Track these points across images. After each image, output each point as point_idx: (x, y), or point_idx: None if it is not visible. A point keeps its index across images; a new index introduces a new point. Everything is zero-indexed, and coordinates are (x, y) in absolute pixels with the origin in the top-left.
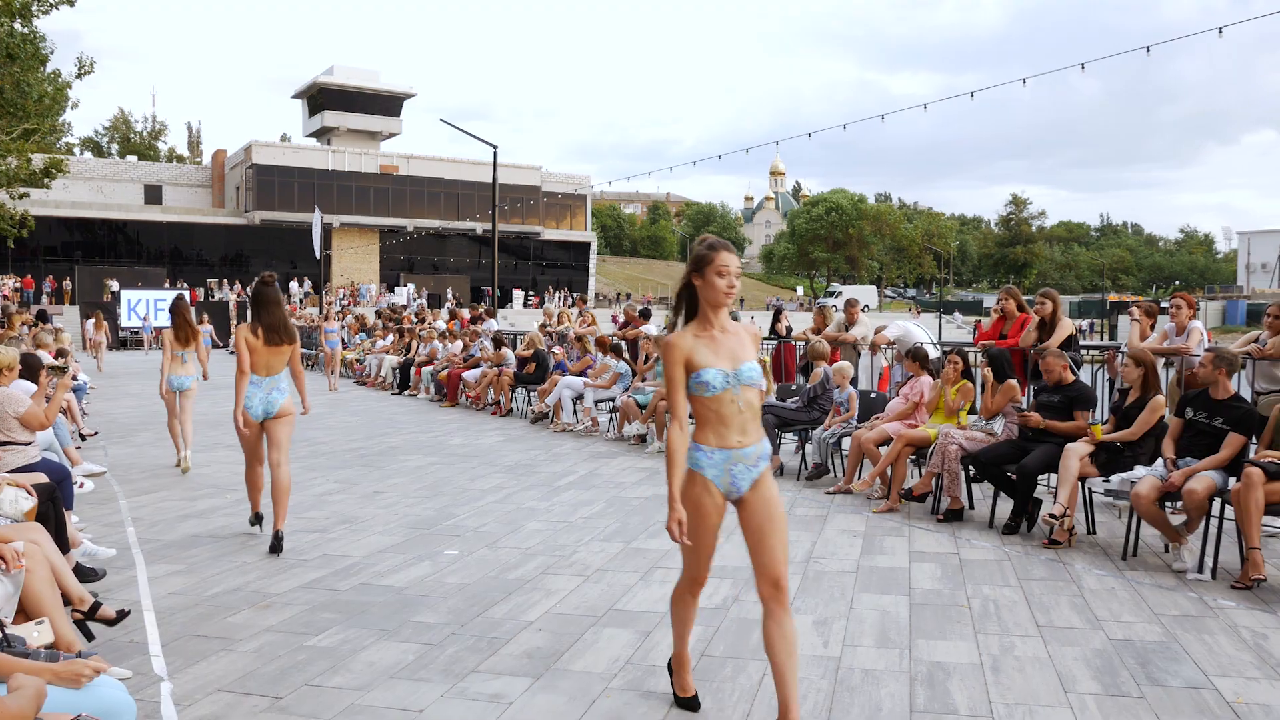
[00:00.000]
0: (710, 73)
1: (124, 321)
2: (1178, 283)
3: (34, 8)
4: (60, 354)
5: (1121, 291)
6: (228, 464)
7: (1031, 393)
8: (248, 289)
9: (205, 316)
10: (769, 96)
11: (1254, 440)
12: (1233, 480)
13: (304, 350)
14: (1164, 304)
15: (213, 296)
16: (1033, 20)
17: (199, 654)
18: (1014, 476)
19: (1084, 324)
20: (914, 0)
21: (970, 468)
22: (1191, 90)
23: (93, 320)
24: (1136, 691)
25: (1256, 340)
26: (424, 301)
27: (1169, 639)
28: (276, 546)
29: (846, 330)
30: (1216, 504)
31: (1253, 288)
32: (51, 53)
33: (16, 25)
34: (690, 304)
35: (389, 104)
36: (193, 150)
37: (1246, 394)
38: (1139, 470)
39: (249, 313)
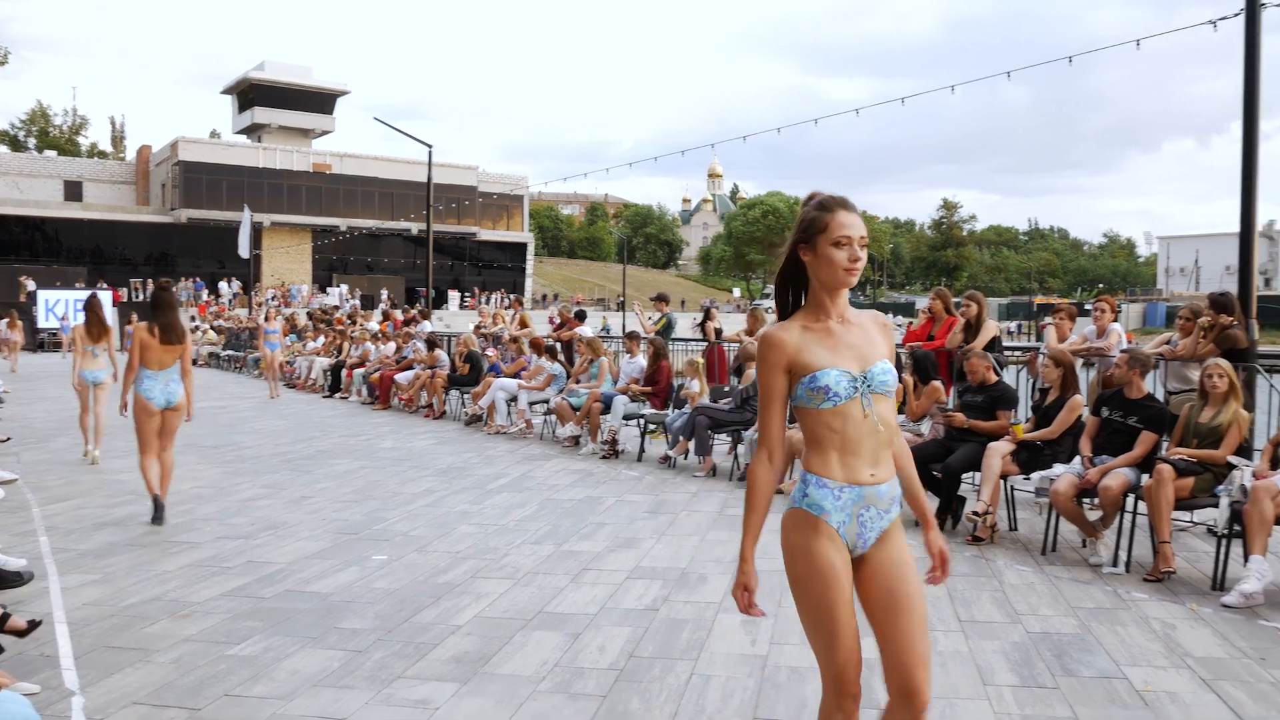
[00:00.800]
0: (648, 75)
1: (41, 322)
2: (1101, 285)
3: None
4: None
5: (1049, 294)
6: None
7: (956, 393)
8: (173, 288)
9: (134, 316)
10: (707, 100)
11: (1165, 438)
12: (1145, 477)
13: (235, 354)
14: (1087, 306)
15: (137, 297)
16: (964, 30)
17: (113, 666)
18: (939, 475)
19: (1012, 325)
20: (850, 8)
21: None
22: (1115, 100)
23: (6, 320)
24: (1051, 682)
25: (1168, 342)
26: (357, 302)
27: (1084, 631)
28: (159, 517)
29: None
30: (1130, 500)
31: (1172, 290)
32: None
33: None
34: (795, 288)
35: (321, 101)
36: (116, 146)
37: (1160, 394)
38: (1058, 468)
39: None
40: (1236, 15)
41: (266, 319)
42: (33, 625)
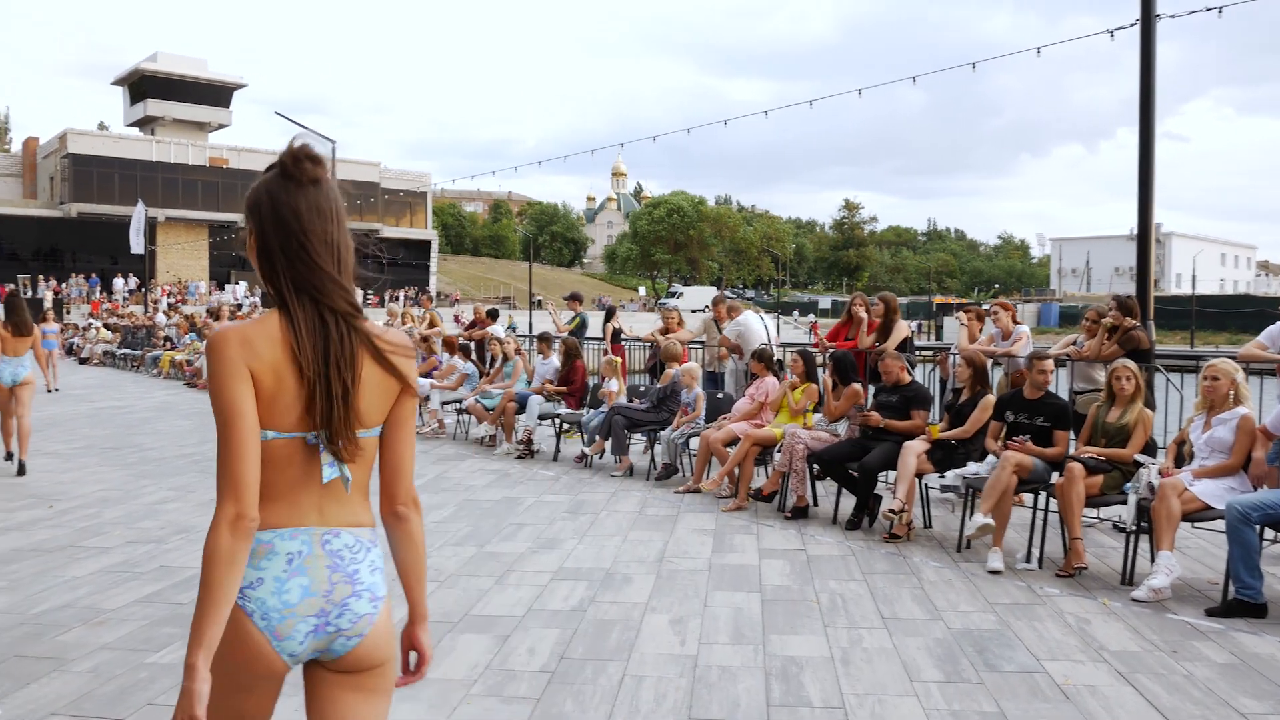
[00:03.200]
0: (549, 74)
1: None
2: (997, 286)
3: None
4: None
5: (947, 294)
6: (47, 472)
7: (871, 393)
8: (64, 285)
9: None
10: (608, 99)
11: (1073, 436)
12: (1055, 474)
13: (132, 352)
14: (985, 306)
15: (26, 294)
16: (858, 33)
17: (28, 676)
18: (856, 474)
19: (912, 325)
20: (746, 9)
21: (814, 466)
22: (1008, 105)
23: None
24: (976, 678)
25: (1074, 343)
26: (257, 300)
27: (1003, 626)
28: (22, 470)
29: (719, 330)
30: (1042, 497)
31: (1065, 291)
32: None
33: None
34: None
35: (218, 94)
36: (0, 137)
37: (1064, 394)
38: (972, 466)
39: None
40: (1133, 25)
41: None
42: None
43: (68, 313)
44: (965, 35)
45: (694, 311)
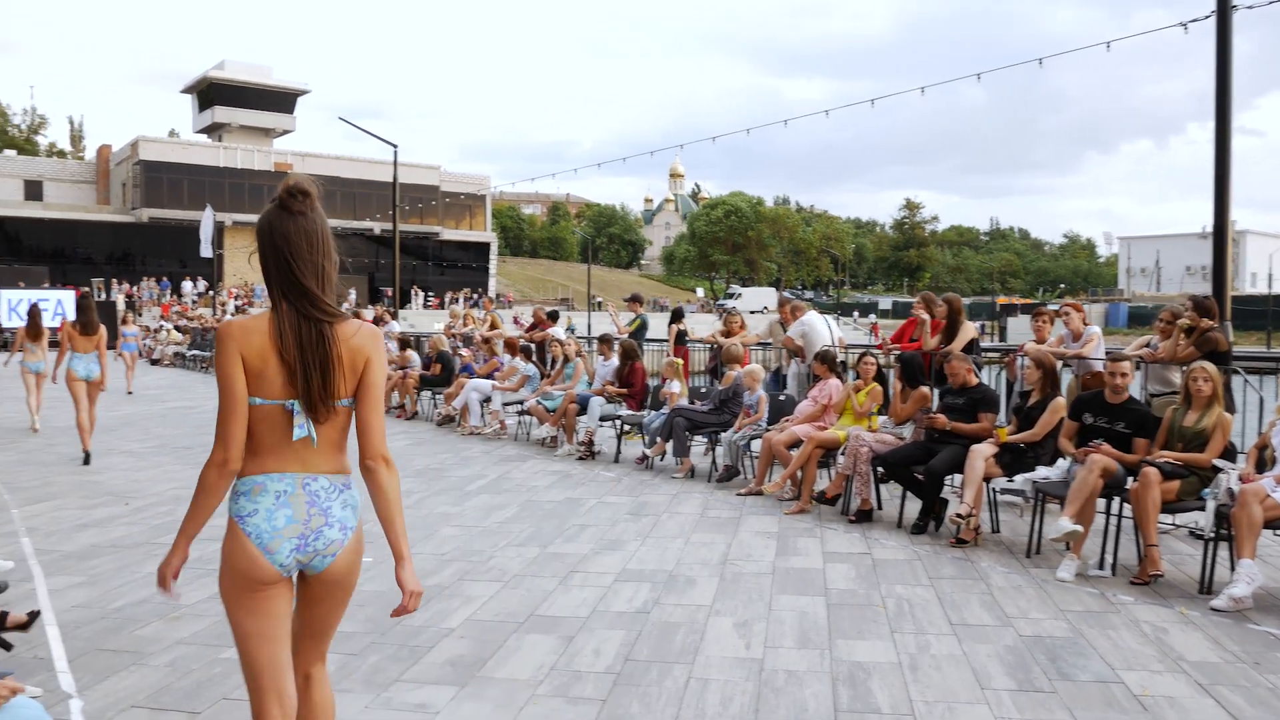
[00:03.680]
0: (605, 76)
1: (4, 322)
2: (1063, 286)
3: None
4: None
5: (1010, 294)
6: (123, 471)
7: (937, 395)
8: (135, 288)
9: (129, 316)
10: (665, 100)
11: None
12: (1130, 479)
13: (202, 354)
14: (1050, 306)
15: (100, 297)
16: (918, 30)
17: (109, 669)
18: (921, 477)
19: (975, 326)
20: (805, 8)
21: (878, 469)
22: (1073, 101)
23: None
24: (1049, 686)
25: (1148, 344)
26: None
27: (1075, 634)
28: (87, 459)
29: (785, 332)
30: (1115, 503)
31: (1133, 291)
32: None
33: None
34: None
35: (282, 100)
36: (75, 145)
37: (1140, 397)
38: (1041, 470)
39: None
40: (1208, 17)
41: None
42: (33, 616)
43: (139, 315)
44: (1027, 31)
45: (751, 313)
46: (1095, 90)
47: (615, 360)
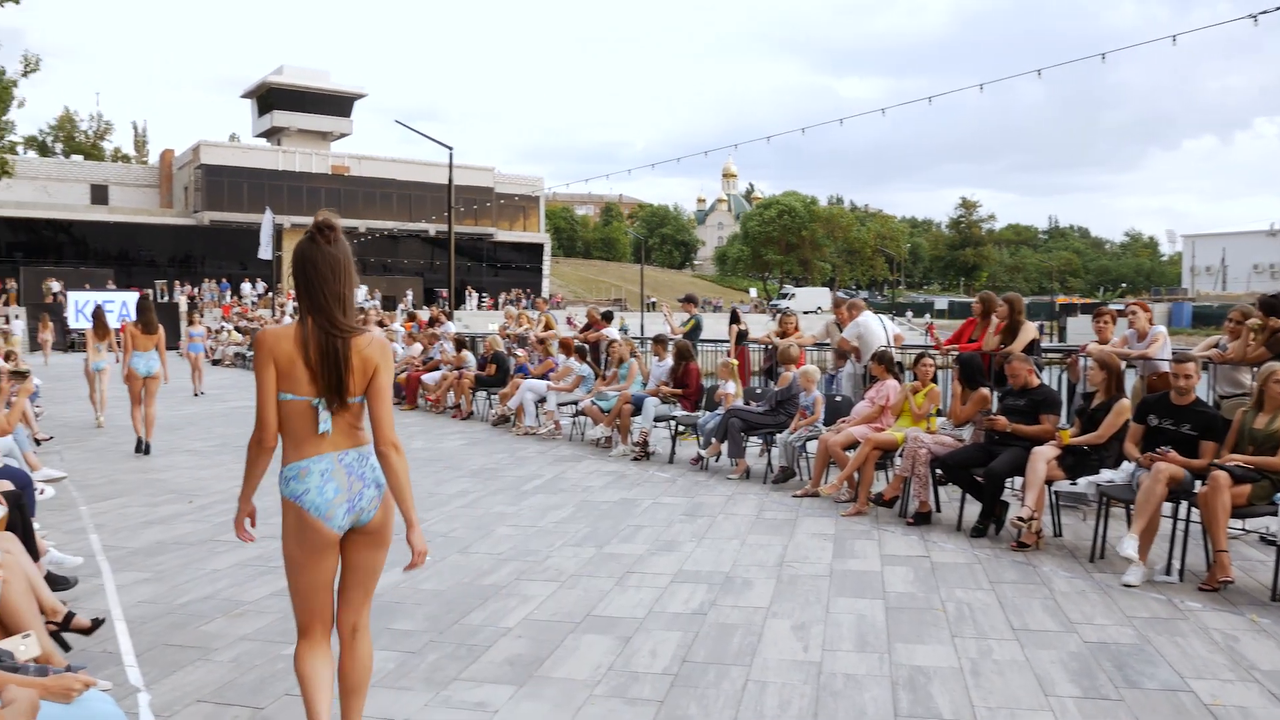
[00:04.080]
0: (655, 77)
1: (72, 323)
2: (1125, 285)
3: None
4: (8, 356)
5: (1070, 294)
6: (187, 469)
7: (996, 397)
8: (197, 289)
9: (197, 317)
10: (717, 100)
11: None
12: (1199, 483)
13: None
14: (1119, 305)
15: (161, 298)
16: (974, 26)
17: (175, 664)
18: (981, 480)
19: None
20: (859, 5)
21: (937, 471)
22: (1134, 96)
23: (38, 321)
24: (1115, 694)
25: (1217, 345)
26: (377, 303)
27: (1142, 641)
28: (147, 449)
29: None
30: (1182, 507)
31: (1198, 290)
32: None
33: None
34: None
35: (339, 104)
36: (139, 150)
37: (1209, 399)
38: (1106, 473)
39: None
40: (1278, 9)
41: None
42: (96, 624)
43: (201, 316)
44: (1086, 25)
45: (805, 313)
46: (1158, 85)
47: (670, 361)
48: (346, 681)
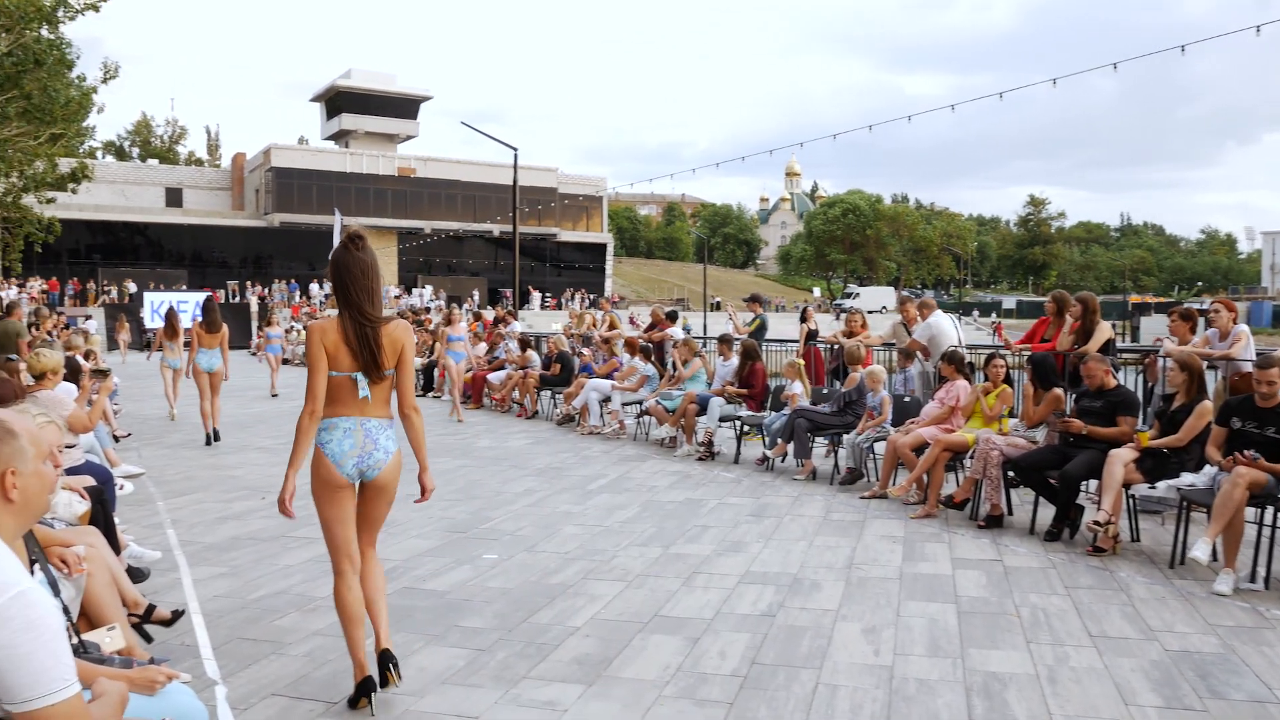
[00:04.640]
0: (718, 76)
1: (148, 323)
2: (1200, 284)
3: (59, 13)
4: (88, 355)
5: (1143, 293)
6: (259, 466)
7: (1072, 398)
8: (268, 290)
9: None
10: (780, 98)
11: None
12: None
13: None
14: (1201, 305)
15: (233, 299)
16: (1041, 19)
17: (250, 657)
18: (1056, 483)
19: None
20: (925, 1)
21: (1009, 473)
22: (1209, 89)
23: (116, 321)
24: (1199, 705)
25: None
26: (442, 303)
27: (1226, 651)
28: (217, 437)
29: (909, 332)
30: (1269, 513)
31: (1278, 288)
32: (77, 58)
33: (44, 31)
34: None
35: (406, 107)
36: (211, 153)
37: None
38: (1187, 477)
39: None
40: None
41: (448, 322)
42: (176, 616)
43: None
44: (1158, 18)
45: (870, 313)
46: (1236, 77)
47: (735, 360)
48: (367, 591)
